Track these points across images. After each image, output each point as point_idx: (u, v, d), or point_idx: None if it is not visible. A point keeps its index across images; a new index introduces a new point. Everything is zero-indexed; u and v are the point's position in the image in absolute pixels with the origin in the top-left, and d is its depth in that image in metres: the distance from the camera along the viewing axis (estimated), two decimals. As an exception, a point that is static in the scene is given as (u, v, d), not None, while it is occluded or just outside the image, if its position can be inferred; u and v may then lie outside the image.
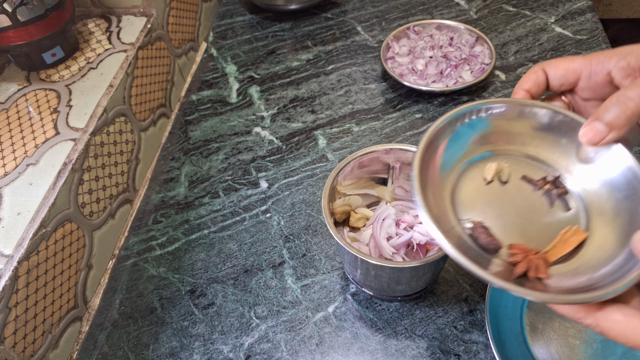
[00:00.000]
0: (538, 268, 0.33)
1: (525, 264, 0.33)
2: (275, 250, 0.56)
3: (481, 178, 0.39)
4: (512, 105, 0.39)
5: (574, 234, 0.35)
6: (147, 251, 0.58)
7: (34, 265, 0.46)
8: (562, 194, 0.37)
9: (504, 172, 0.39)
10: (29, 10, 0.56)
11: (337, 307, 0.51)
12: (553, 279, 0.33)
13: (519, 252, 0.34)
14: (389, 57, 0.75)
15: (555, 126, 0.39)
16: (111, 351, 0.51)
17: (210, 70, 0.80)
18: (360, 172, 0.51)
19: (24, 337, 0.45)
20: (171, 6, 0.74)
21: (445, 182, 0.38)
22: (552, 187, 0.38)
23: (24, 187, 0.50)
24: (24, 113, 0.57)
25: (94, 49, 0.65)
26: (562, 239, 0.35)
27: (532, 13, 0.81)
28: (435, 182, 0.37)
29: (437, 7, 0.85)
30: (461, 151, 0.39)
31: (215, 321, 0.52)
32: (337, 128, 0.68)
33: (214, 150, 0.68)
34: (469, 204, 0.37)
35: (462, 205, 0.37)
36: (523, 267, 0.33)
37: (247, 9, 0.91)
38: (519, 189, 0.38)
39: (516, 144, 0.40)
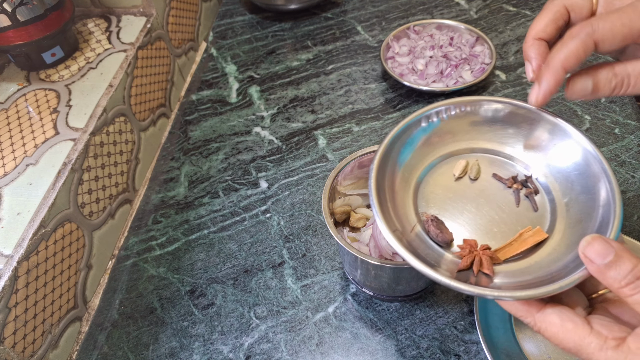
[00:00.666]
0: (482, 263, 0.33)
1: (469, 258, 0.33)
2: (275, 250, 0.56)
3: (451, 174, 0.39)
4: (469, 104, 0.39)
5: (534, 234, 0.35)
6: (146, 251, 0.58)
7: (33, 265, 0.46)
8: (530, 193, 0.37)
9: (473, 169, 0.39)
10: (28, 10, 0.56)
11: (337, 307, 0.51)
12: (501, 275, 0.33)
13: (466, 247, 0.34)
14: (389, 57, 0.75)
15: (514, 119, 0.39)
16: (111, 351, 0.51)
17: (210, 70, 0.80)
18: (360, 172, 0.51)
19: (23, 337, 0.45)
20: (171, 6, 0.74)
21: (409, 182, 0.39)
22: (521, 187, 0.38)
23: (23, 187, 0.50)
24: (23, 113, 0.57)
25: (93, 49, 0.65)
26: (521, 237, 0.35)
27: (533, 13, 0.81)
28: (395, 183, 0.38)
29: (437, 6, 0.85)
30: (423, 153, 0.40)
31: (215, 321, 0.52)
32: (337, 128, 0.68)
33: (214, 150, 0.68)
34: (432, 199, 0.38)
35: (426, 200, 0.38)
36: (467, 261, 0.33)
37: (247, 8, 0.91)
38: (487, 186, 0.38)
39: (483, 140, 0.40)
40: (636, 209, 0.54)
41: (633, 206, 0.54)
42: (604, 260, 0.27)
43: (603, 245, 0.27)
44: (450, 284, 0.30)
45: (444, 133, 0.40)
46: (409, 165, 0.39)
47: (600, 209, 0.33)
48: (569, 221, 0.35)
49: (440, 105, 0.39)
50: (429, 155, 0.40)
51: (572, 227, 0.34)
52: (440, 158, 0.40)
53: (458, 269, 0.33)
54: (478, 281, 0.32)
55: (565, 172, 0.37)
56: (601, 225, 0.32)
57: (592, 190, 0.34)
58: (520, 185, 0.38)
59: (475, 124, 0.40)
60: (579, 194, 0.35)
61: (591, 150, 0.35)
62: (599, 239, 0.28)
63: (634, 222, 0.53)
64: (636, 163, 0.58)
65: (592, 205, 0.34)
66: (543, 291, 0.29)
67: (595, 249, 0.27)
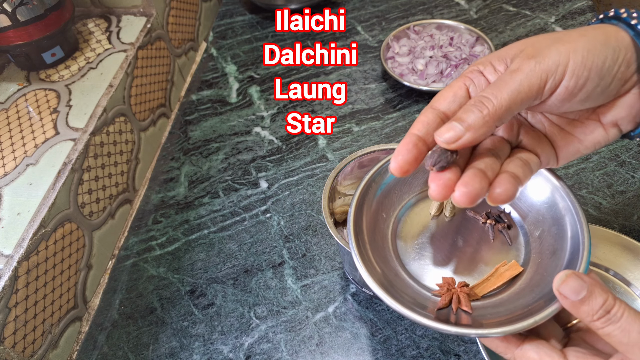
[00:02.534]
0: (460, 301, 0.34)
1: (447, 296, 0.34)
2: (275, 250, 0.56)
3: (427, 212, 0.40)
4: None
5: (510, 268, 0.36)
6: (146, 251, 0.58)
7: (33, 265, 0.46)
8: (504, 228, 0.38)
9: (447, 206, 0.40)
10: (28, 10, 0.56)
11: (337, 307, 0.51)
12: (479, 310, 0.34)
13: (444, 285, 0.35)
14: (389, 57, 0.75)
15: None
16: (111, 351, 0.51)
17: (210, 70, 0.80)
18: (360, 172, 0.51)
19: (23, 337, 0.45)
20: (171, 6, 0.74)
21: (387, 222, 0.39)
22: (494, 222, 0.39)
23: (23, 187, 0.50)
24: (23, 113, 0.57)
25: (93, 49, 0.65)
26: (497, 272, 0.36)
27: (532, 13, 0.81)
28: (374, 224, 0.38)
29: (437, 6, 0.85)
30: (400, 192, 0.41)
31: (215, 321, 0.52)
32: (337, 128, 0.68)
33: (214, 150, 0.68)
34: (410, 238, 0.39)
35: (404, 240, 0.39)
36: (445, 299, 0.34)
37: (247, 8, 0.91)
38: (463, 223, 0.39)
39: None
40: (636, 209, 0.54)
41: (633, 206, 0.54)
42: (577, 297, 0.28)
43: (577, 282, 0.28)
44: (430, 325, 0.31)
45: (418, 171, 0.40)
46: (387, 206, 0.40)
47: (569, 240, 0.34)
48: (542, 253, 0.36)
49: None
50: (405, 195, 0.41)
51: (546, 259, 0.35)
52: (416, 197, 0.41)
53: (437, 307, 0.34)
54: (458, 318, 0.33)
55: (536, 206, 0.38)
56: (572, 256, 0.33)
57: (561, 222, 0.35)
58: (493, 220, 0.39)
59: None
60: (550, 225, 0.36)
61: (557, 184, 0.36)
62: (573, 276, 0.29)
63: (634, 222, 0.53)
64: (636, 163, 0.58)
65: (563, 237, 0.35)
66: (519, 326, 0.30)
67: (570, 286, 0.29)
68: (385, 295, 0.32)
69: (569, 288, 0.28)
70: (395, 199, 0.40)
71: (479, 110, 0.28)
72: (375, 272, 0.34)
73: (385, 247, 0.38)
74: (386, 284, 0.34)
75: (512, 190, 0.29)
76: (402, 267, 0.37)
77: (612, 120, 0.31)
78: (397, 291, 0.34)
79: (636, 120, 0.31)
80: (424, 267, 0.37)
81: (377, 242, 0.37)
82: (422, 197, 0.41)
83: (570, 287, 0.28)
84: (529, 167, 0.31)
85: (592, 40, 0.28)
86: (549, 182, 0.37)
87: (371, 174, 0.39)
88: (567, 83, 0.28)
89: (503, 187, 0.29)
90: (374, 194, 0.39)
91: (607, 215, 0.54)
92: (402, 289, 0.35)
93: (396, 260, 0.37)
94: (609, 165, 0.59)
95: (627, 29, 0.29)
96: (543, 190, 0.37)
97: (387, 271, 0.36)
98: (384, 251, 0.37)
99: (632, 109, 0.31)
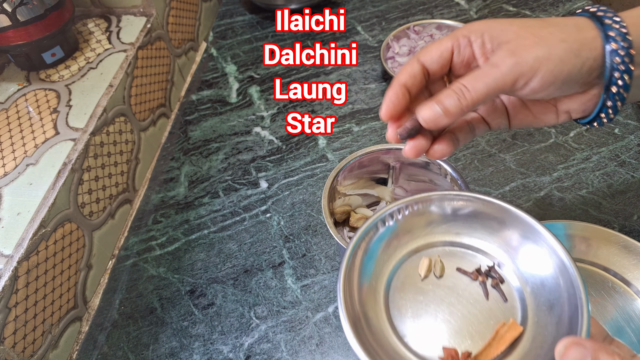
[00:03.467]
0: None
1: None
2: (275, 250, 0.56)
3: (416, 274, 0.38)
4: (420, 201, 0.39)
5: (510, 329, 0.34)
6: (146, 251, 0.58)
7: (33, 265, 0.46)
8: (497, 284, 0.37)
9: (437, 266, 0.38)
10: (28, 10, 0.56)
11: (337, 307, 0.51)
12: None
13: (447, 358, 0.34)
14: (389, 57, 0.75)
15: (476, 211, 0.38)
16: (111, 351, 0.51)
17: (210, 70, 0.80)
18: (360, 172, 0.51)
19: (23, 337, 0.45)
20: (171, 6, 0.74)
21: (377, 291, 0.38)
22: (486, 278, 0.37)
23: (23, 187, 0.50)
24: (23, 113, 0.57)
25: (93, 49, 0.65)
26: (498, 335, 0.34)
27: (532, 13, 0.81)
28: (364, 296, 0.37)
29: (437, 7, 0.85)
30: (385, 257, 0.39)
31: (215, 321, 0.52)
32: (337, 128, 0.68)
33: (214, 150, 0.68)
34: (403, 305, 0.37)
35: (398, 308, 0.37)
36: None
37: (247, 9, 0.91)
38: (454, 282, 0.38)
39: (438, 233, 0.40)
40: (636, 209, 0.54)
41: (633, 206, 0.54)
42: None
43: (579, 352, 0.28)
44: None
45: (402, 234, 0.39)
46: (375, 274, 0.38)
47: (565, 294, 0.33)
48: (539, 309, 0.35)
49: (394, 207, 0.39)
50: (391, 259, 0.39)
51: (545, 316, 0.34)
52: (402, 259, 0.39)
53: None
54: None
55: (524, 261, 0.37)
56: (572, 315, 0.32)
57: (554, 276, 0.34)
58: (485, 276, 0.37)
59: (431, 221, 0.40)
60: (543, 279, 0.35)
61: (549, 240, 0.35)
62: (574, 346, 0.28)
63: (634, 222, 0.53)
64: (636, 163, 0.58)
65: (559, 291, 0.34)
66: None
67: (572, 357, 0.28)
68: None
69: (571, 358, 0.28)
70: (381, 265, 0.39)
71: (458, 98, 0.32)
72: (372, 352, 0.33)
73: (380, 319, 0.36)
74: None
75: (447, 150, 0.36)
76: (399, 339, 0.35)
77: (566, 109, 0.36)
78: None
79: (585, 112, 0.36)
80: (422, 335, 0.35)
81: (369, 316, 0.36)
82: (407, 259, 0.39)
83: (573, 357, 0.28)
84: (473, 133, 0.38)
85: (569, 49, 0.32)
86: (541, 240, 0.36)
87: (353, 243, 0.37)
88: (534, 85, 0.32)
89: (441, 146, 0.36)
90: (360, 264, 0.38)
91: (607, 215, 0.54)
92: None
93: (392, 333, 0.36)
94: (609, 165, 0.59)
95: (604, 40, 0.32)
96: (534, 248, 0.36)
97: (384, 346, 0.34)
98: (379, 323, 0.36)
99: (585, 104, 0.35)
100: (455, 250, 0.39)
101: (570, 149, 0.61)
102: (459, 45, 0.35)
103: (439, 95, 0.33)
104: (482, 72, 0.32)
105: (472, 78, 0.33)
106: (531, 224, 0.36)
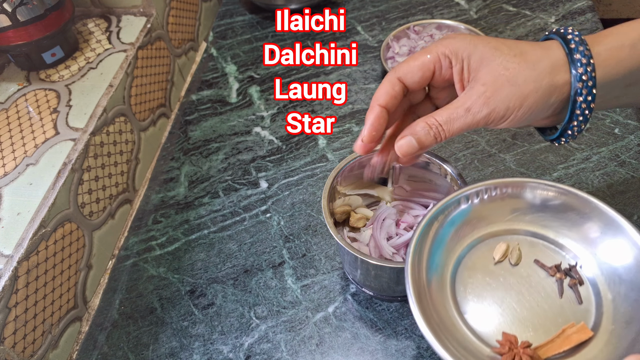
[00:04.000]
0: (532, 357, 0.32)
1: (509, 356, 0.32)
2: (275, 250, 0.56)
3: (490, 257, 0.38)
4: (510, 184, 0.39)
5: (578, 331, 0.33)
6: (146, 251, 0.58)
7: (33, 265, 0.46)
8: (575, 284, 0.35)
9: (513, 253, 0.37)
10: (28, 10, 0.56)
11: (337, 307, 0.51)
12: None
13: (505, 344, 0.33)
14: (389, 57, 0.75)
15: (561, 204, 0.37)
16: (111, 351, 0.51)
17: (210, 70, 0.80)
18: (360, 172, 0.51)
19: (23, 337, 0.45)
20: (171, 6, 0.74)
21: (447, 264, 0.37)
22: (564, 276, 0.36)
23: (23, 187, 0.50)
24: (23, 113, 0.57)
25: (93, 49, 0.65)
26: (564, 334, 0.33)
27: (532, 13, 0.81)
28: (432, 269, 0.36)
29: (437, 6, 0.85)
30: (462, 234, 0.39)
31: (215, 321, 0.52)
32: (337, 128, 0.68)
33: (214, 150, 0.68)
34: (470, 284, 0.36)
35: (464, 285, 0.36)
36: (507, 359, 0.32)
37: (247, 9, 0.91)
38: (529, 273, 0.36)
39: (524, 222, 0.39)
40: (636, 209, 0.54)
41: (633, 206, 0.54)
42: None
43: None
44: None
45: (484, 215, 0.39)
46: (447, 249, 0.38)
47: None
48: (616, 320, 0.33)
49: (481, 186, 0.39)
50: (466, 237, 0.39)
51: (621, 328, 0.32)
52: (479, 239, 0.39)
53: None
54: None
55: (612, 267, 0.35)
56: None
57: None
58: (563, 274, 0.36)
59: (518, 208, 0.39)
60: (628, 290, 0.33)
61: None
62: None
63: (634, 222, 0.53)
64: (636, 163, 0.58)
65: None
66: None
67: None
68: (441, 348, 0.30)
69: None
70: (455, 242, 0.38)
71: (433, 136, 0.36)
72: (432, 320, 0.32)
73: (444, 293, 0.35)
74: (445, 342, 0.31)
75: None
76: (459, 315, 0.35)
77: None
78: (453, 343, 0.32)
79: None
80: (484, 317, 0.35)
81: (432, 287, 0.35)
82: (484, 240, 0.38)
83: None
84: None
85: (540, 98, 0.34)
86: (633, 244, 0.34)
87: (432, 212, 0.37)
88: (503, 125, 0.36)
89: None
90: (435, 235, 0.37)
91: (607, 215, 0.54)
92: (459, 340, 0.33)
93: (454, 307, 0.35)
94: (609, 165, 0.59)
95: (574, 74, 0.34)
96: (625, 252, 0.34)
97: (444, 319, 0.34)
98: (442, 296, 0.35)
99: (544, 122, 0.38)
100: (537, 242, 0.38)
101: (570, 149, 0.61)
102: (441, 67, 0.37)
103: (415, 127, 0.37)
104: (457, 115, 0.35)
105: (447, 120, 0.36)
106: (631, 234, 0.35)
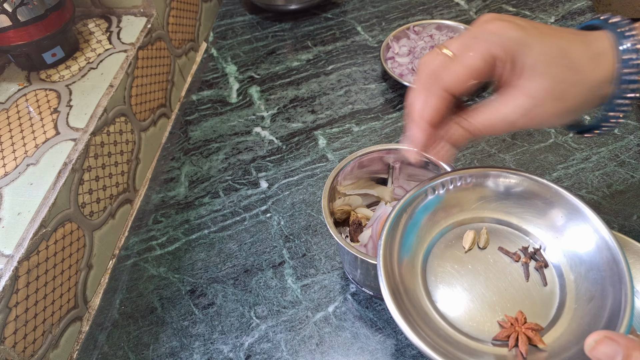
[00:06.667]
0: (532, 338, 0.33)
1: (508, 332, 0.33)
2: (275, 250, 0.56)
3: (459, 245, 0.39)
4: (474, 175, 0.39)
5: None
6: (147, 251, 0.58)
7: (34, 265, 0.46)
8: (540, 267, 0.37)
9: (481, 238, 0.39)
10: (29, 10, 0.56)
11: (337, 307, 0.51)
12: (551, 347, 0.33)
13: (507, 324, 0.34)
14: (389, 57, 0.75)
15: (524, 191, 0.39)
16: (111, 351, 0.51)
17: (210, 70, 0.80)
18: (360, 172, 0.51)
19: (24, 337, 0.45)
20: (171, 6, 0.75)
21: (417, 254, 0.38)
22: (529, 260, 0.37)
23: (24, 187, 0.50)
24: (24, 113, 0.57)
25: (94, 49, 0.65)
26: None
27: (532, 13, 0.81)
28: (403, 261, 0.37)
29: (437, 7, 0.85)
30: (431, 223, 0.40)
31: (215, 321, 0.52)
32: (337, 128, 0.68)
33: (214, 150, 0.68)
34: (440, 273, 0.38)
35: (434, 275, 0.38)
36: (515, 339, 0.33)
37: (247, 9, 0.91)
38: (496, 259, 0.38)
39: (489, 210, 0.40)
40: (636, 209, 0.54)
41: (632, 206, 0.55)
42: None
43: (610, 347, 0.27)
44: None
45: (451, 205, 0.40)
46: (418, 238, 0.39)
47: (611, 288, 0.33)
48: (579, 299, 0.34)
49: (446, 176, 0.39)
50: (435, 227, 0.40)
51: (583, 306, 0.34)
52: (447, 228, 0.40)
53: (510, 347, 0.33)
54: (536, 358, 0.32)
55: (573, 249, 0.36)
56: (613, 310, 0.31)
57: (601, 268, 0.34)
58: (529, 258, 0.37)
59: (484, 197, 0.40)
60: (588, 270, 0.35)
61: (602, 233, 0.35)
62: (605, 341, 0.27)
63: (634, 222, 0.53)
64: (636, 163, 0.58)
65: (603, 283, 0.33)
66: None
67: (602, 351, 0.27)
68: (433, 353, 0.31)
69: (601, 353, 0.27)
70: (425, 231, 0.39)
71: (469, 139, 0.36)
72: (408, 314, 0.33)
73: (416, 283, 0.36)
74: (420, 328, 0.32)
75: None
76: (431, 303, 0.36)
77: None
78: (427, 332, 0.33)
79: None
80: (454, 303, 0.36)
81: (405, 281, 0.36)
82: (452, 229, 0.40)
83: (603, 352, 0.27)
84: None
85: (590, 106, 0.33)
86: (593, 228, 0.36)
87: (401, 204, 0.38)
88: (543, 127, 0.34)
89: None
90: (404, 226, 0.38)
91: (607, 215, 0.54)
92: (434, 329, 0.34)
93: (426, 297, 0.36)
94: (609, 165, 0.59)
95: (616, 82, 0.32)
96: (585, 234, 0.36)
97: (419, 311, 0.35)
98: (414, 287, 0.36)
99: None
100: (502, 229, 0.39)
101: (569, 149, 0.61)
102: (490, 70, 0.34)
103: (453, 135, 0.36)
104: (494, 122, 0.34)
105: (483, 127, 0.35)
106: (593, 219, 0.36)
